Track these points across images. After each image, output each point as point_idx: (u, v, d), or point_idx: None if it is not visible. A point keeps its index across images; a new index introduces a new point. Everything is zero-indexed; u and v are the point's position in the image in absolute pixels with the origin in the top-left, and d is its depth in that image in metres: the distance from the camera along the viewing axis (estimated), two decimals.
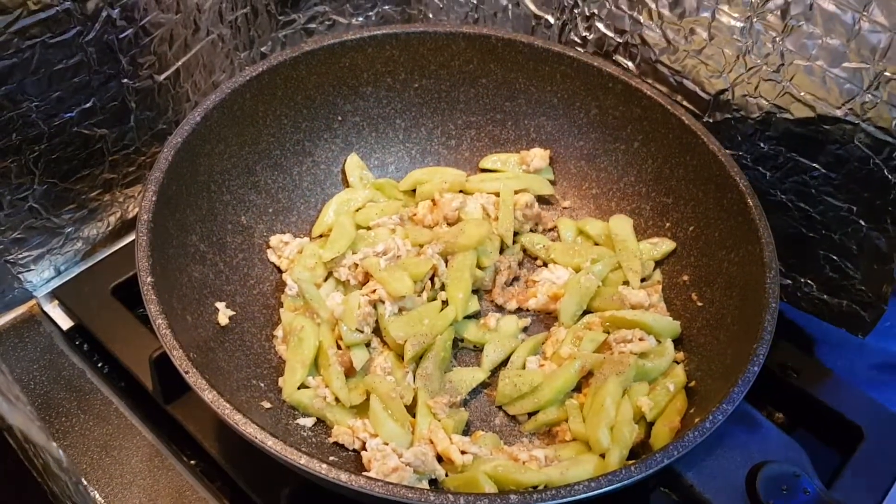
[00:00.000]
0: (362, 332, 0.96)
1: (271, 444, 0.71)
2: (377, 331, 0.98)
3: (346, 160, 1.12)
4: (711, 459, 0.80)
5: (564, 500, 0.70)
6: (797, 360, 1.04)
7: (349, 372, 0.94)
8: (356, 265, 1.01)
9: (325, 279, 1.03)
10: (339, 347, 0.96)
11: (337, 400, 0.92)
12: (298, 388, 0.92)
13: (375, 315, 0.97)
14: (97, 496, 0.87)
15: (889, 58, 0.87)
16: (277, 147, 1.06)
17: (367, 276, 1.00)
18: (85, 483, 0.88)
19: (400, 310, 0.98)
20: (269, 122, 1.04)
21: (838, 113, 0.92)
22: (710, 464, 0.80)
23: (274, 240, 1.04)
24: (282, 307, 1.00)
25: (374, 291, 0.97)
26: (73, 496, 0.88)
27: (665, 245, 1.05)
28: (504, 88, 1.12)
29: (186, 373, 0.75)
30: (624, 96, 1.06)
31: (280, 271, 1.04)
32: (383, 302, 0.97)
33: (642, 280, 1.04)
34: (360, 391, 0.93)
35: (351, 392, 0.92)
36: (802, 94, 0.94)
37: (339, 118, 1.11)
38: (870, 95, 0.89)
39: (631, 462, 0.75)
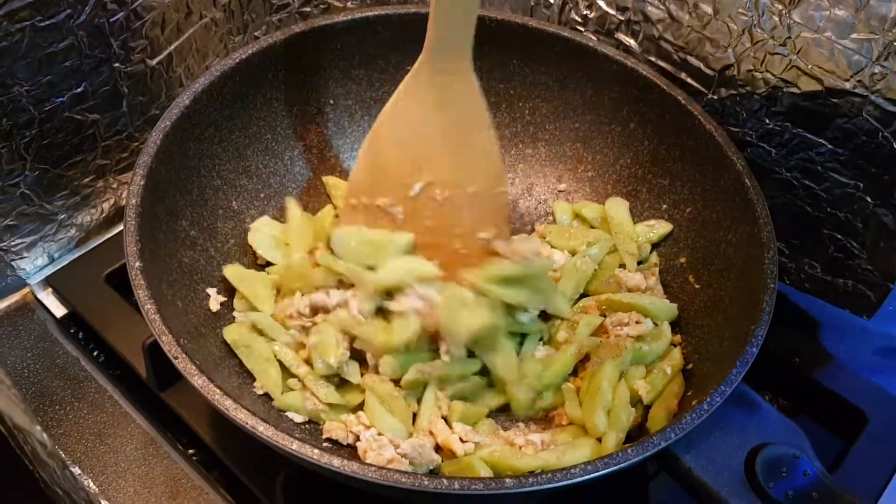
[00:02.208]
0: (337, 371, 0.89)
1: (262, 429, 0.70)
2: None
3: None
4: (710, 442, 0.79)
5: (560, 483, 0.69)
6: (799, 345, 1.04)
7: None
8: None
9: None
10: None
11: None
12: (283, 392, 0.89)
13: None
14: (91, 484, 0.87)
15: None
16: (269, 131, 1.05)
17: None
18: (72, 469, 0.87)
19: None
20: (259, 105, 1.03)
21: (847, 85, 0.91)
22: (708, 446, 0.79)
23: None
24: None
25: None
26: (60, 482, 0.88)
27: (662, 227, 1.04)
28: (498, 70, 1.10)
29: (176, 358, 0.74)
30: (620, 77, 1.04)
31: None
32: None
33: (639, 263, 1.03)
34: (356, 393, 0.90)
35: (346, 395, 0.89)
36: (810, 66, 0.93)
37: (331, 102, 1.09)
38: (879, 66, 0.88)
39: (627, 445, 0.74)
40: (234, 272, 0.95)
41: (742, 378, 0.77)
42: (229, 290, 0.96)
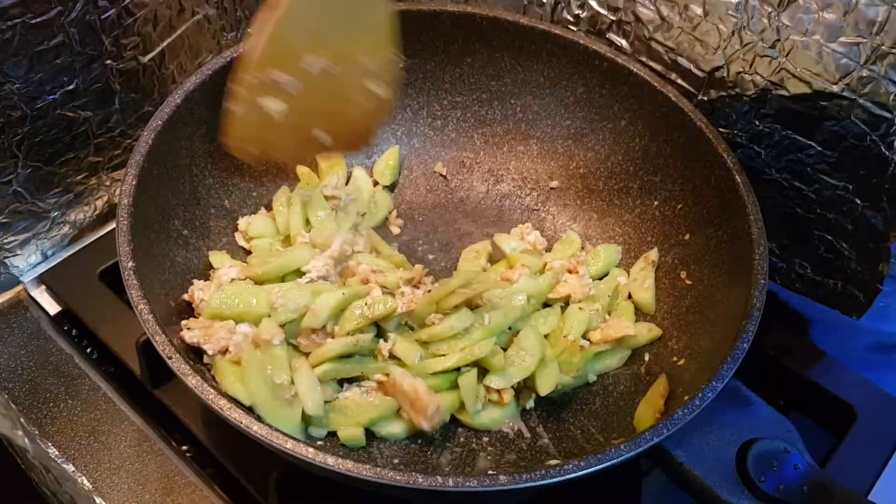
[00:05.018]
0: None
1: (256, 428, 0.71)
2: None
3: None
4: (701, 437, 0.80)
5: (553, 480, 0.70)
6: (790, 342, 1.04)
7: None
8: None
9: None
10: None
11: None
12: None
13: None
14: (85, 481, 0.87)
15: (886, 31, 0.85)
16: None
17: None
18: (64, 466, 0.87)
19: None
20: None
21: (835, 88, 0.91)
22: (699, 441, 0.80)
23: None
24: None
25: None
26: (48, 483, 0.88)
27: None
28: (489, 68, 1.11)
29: (170, 358, 0.74)
30: (611, 74, 1.04)
31: None
32: None
33: None
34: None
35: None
36: (798, 69, 0.93)
37: None
38: (867, 70, 0.88)
39: (619, 440, 0.75)
40: (220, 259, 0.96)
41: (733, 373, 0.78)
42: None
